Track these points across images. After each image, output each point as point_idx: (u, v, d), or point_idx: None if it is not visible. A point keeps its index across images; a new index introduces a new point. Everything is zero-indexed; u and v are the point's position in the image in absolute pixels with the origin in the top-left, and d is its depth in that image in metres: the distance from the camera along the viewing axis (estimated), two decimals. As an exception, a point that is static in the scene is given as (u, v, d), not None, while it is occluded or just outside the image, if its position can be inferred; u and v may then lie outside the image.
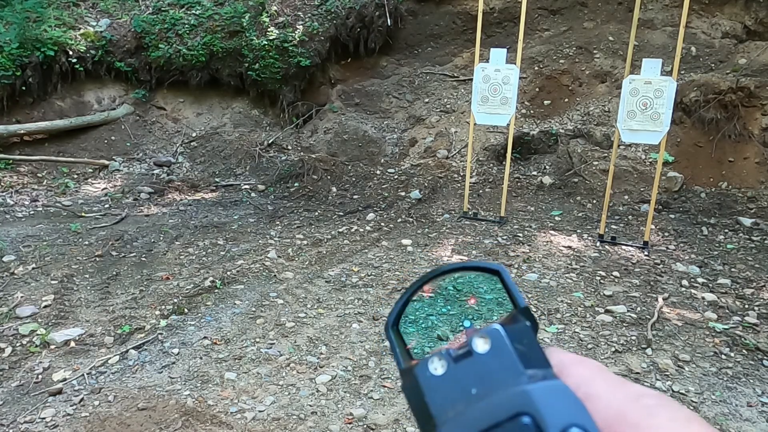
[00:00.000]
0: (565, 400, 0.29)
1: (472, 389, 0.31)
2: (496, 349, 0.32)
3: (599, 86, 7.80)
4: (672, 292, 4.38)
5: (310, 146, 8.19)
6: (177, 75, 8.37)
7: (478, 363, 0.32)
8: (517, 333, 0.33)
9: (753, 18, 7.82)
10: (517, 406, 0.29)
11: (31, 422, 2.88)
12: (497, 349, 0.32)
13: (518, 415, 0.28)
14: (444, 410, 0.31)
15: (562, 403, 0.29)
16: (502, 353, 0.32)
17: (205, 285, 4.43)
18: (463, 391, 0.31)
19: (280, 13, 8.33)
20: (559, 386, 0.30)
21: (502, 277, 0.38)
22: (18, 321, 3.81)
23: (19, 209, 6.32)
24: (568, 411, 0.28)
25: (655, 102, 4.92)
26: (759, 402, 3.10)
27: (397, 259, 5.01)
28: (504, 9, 8.84)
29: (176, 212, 6.36)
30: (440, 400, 0.31)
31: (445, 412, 0.31)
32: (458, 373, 0.32)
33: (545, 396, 0.29)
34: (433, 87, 8.61)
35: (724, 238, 5.50)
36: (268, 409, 3.00)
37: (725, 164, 6.67)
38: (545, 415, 0.28)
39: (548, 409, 0.28)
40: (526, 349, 0.33)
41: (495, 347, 0.32)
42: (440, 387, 0.32)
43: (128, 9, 8.50)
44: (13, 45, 7.37)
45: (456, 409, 0.30)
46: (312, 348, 3.61)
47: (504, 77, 5.55)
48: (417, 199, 6.68)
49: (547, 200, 6.61)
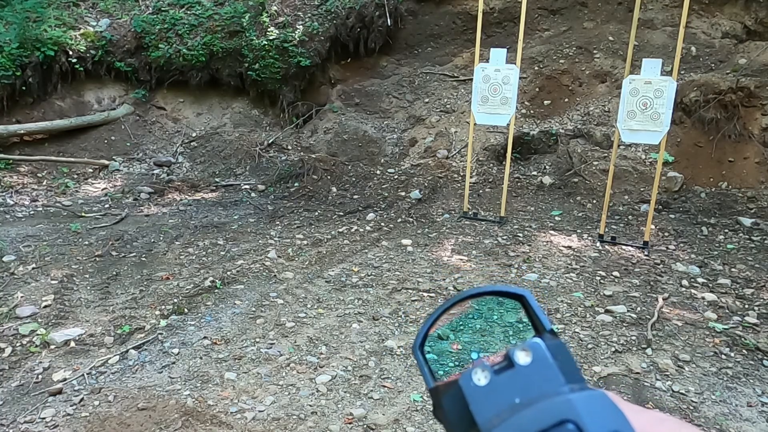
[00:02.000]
0: (607, 409, 0.30)
1: (516, 399, 0.32)
2: (537, 362, 0.34)
3: (599, 86, 7.80)
4: (672, 292, 4.38)
5: (310, 146, 8.19)
6: (177, 75, 8.37)
7: (520, 374, 0.33)
8: (555, 348, 0.35)
9: (753, 18, 7.82)
10: (561, 413, 0.30)
11: (31, 422, 2.88)
12: (539, 362, 0.34)
13: (562, 422, 0.29)
14: (489, 419, 0.32)
15: (604, 411, 0.30)
16: (544, 365, 0.34)
17: (205, 285, 4.43)
18: (507, 400, 0.32)
19: (280, 13, 8.33)
20: (601, 395, 0.31)
21: (527, 302, 0.39)
22: (18, 321, 3.81)
23: (19, 209, 6.32)
24: (610, 418, 0.30)
25: (655, 102, 4.92)
26: (759, 402, 3.10)
27: (397, 259, 5.01)
28: (504, 9, 8.84)
29: (176, 212, 6.36)
30: (485, 409, 0.33)
31: (489, 421, 0.32)
32: (501, 383, 0.33)
33: (588, 404, 0.30)
34: (433, 87, 8.61)
35: (724, 238, 5.50)
36: (268, 409, 3.00)
37: (725, 164, 6.67)
38: (588, 423, 0.29)
39: (591, 417, 0.29)
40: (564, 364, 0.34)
41: (536, 360, 0.34)
42: (484, 397, 0.33)
43: (128, 9, 8.50)
44: (13, 45, 7.37)
45: (501, 417, 0.31)
46: (312, 348, 3.61)
47: (504, 77, 5.55)
48: (417, 199, 6.68)
49: (547, 200, 6.61)
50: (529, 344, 0.34)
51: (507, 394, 0.33)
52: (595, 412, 0.30)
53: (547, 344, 0.34)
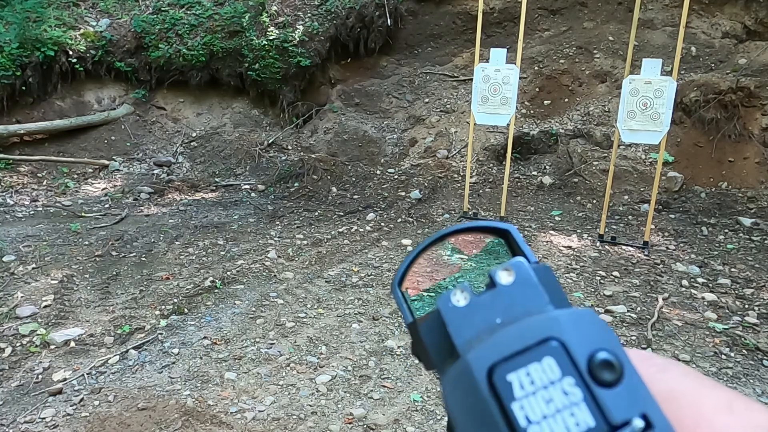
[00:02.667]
0: (594, 326, 0.28)
1: (497, 319, 0.30)
2: (520, 281, 0.31)
3: (599, 86, 7.80)
4: (672, 292, 4.38)
5: (310, 146, 8.19)
6: (177, 75, 8.37)
7: (502, 294, 0.31)
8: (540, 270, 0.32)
9: (753, 18, 7.82)
10: (544, 330, 0.28)
11: (31, 422, 2.88)
12: (522, 281, 0.31)
13: (546, 340, 0.28)
14: (467, 340, 0.30)
15: (590, 328, 0.28)
16: (527, 284, 0.31)
17: (205, 285, 4.43)
18: (488, 321, 0.30)
19: (280, 13, 8.33)
20: (587, 312, 0.29)
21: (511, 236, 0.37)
22: (18, 321, 3.81)
23: (19, 209, 6.32)
24: (597, 336, 0.28)
25: (655, 102, 4.92)
26: (759, 402, 3.10)
27: (397, 259, 5.01)
28: (504, 9, 8.84)
29: (176, 212, 6.36)
30: (463, 330, 0.31)
31: (468, 342, 0.30)
32: (481, 304, 0.31)
33: (573, 321, 0.28)
34: (433, 87, 8.61)
35: (724, 238, 5.50)
36: (268, 409, 3.00)
37: (725, 164, 6.67)
38: (574, 340, 0.27)
39: (577, 334, 0.28)
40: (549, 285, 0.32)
41: (519, 279, 0.31)
42: (463, 318, 0.31)
43: (128, 9, 8.50)
44: (13, 45, 7.37)
45: (481, 338, 0.30)
46: (312, 348, 3.61)
47: (504, 77, 5.55)
48: (417, 199, 6.68)
49: (547, 200, 6.61)
50: (512, 263, 0.32)
51: (487, 315, 0.31)
52: (581, 329, 0.28)
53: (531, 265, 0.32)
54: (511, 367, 0.27)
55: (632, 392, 0.26)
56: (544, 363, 0.27)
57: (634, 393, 0.27)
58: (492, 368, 0.27)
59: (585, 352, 0.27)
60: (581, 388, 0.26)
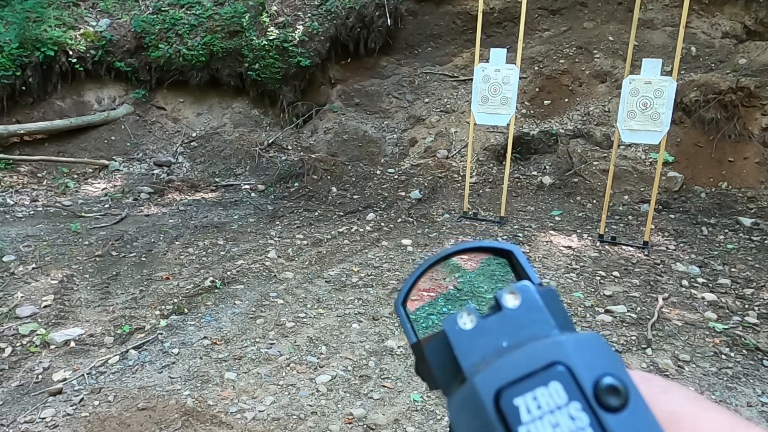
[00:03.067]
0: (600, 351, 0.29)
1: (503, 342, 0.31)
2: (526, 305, 0.32)
3: (599, 86, 7.80)
4: (672, 292, 4.38)
5: (310, 146, 8.19)
6: (177, 75, 8.37)
7: (508, 317, 0.32)
8: (546, 294, 0.33)
9: (753, 18, 7.82)
10: (551, 355, 0.28)
11: (31, 422, 2.88)
12: (528, 305, 0.32)
13: (552, 364, 0.28)
14: (474, 363, 0.31)
15: (596, 353, 0.28)
16: (533, 308, 0.32)
17: (205, 285, 4.43)
18: (494, 344, 0.31)
19: (280, 13, 8.33)
20: (594, 337, 0.29)
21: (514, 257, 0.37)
22: (18, 321, 3.81)
23: (19, 209, 6.32)
24: (603, 361, 0.28)
25: (655, 102, 4.92)
26: (759, 402, 3.10)
27: (397, 259, 5.01)
28: (504, 9, 8.84)
29: (176, 212, 6.36)
30: (470, 353, 0.31)
31: (475, 365, 0.30)
32: (488, 327, 0.32)
33: (579, 346, 0.29)
34: (433, 87, 8.61)
35: (724, 238, 5.50)
36: (268, 409, 3.00)
37: (725, 164, 6.67)
38: (580, 364, 0.28)
39: (583, 358, 0.28)
40: (555, 309, 0.32)
41: (525, 303, 0.32)
42: (470, 341, 0.31)
43: (128, 9, 8.50)
44: (13, 45, 7.37)
45: (487, 361, 0.30)
46: (312, 348, 3.61)
47: (504, 77, 5.55)
48: (417, 199, 6.68)
49: (547, 200, 6.61)
50: (517, 287, 0.32)
51: (494, 338, 0.31)
52: (587, 354, 0.28)
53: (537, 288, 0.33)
54: (518, 392, 0.28)
55: (638, 418, 0.27)
56: (551, 387, 0.27)
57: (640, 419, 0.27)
58: (499, 392, 0.28)
59: (591, 377, 0.27)
60: (587, 413, 0.27)
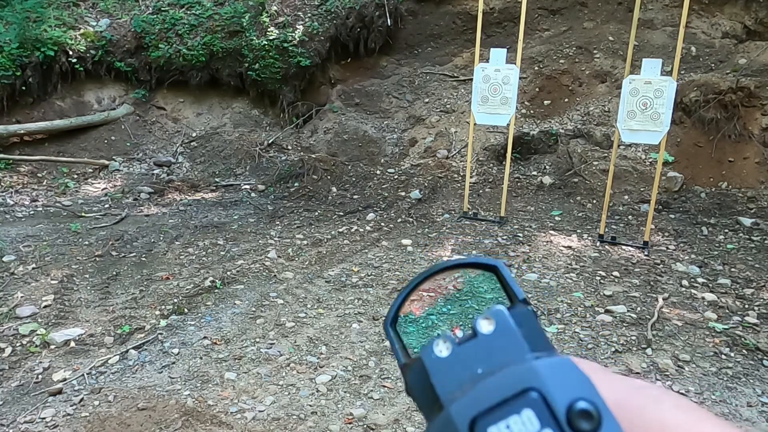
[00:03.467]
0: (572, 375, 0.29)
1: (478, 369, 0.31)
2: (500, 330, 0.32)
3: (599, 86, 7.80)
4: (672, 292, 4.38)
5: (310, 146, 8.19)
6: (177, 75, 8.37)
7: (482, 343, 0.32)
8: (520, 316, 0.33)
9: (753, 18, 7.82)
10: (524, 381, 0.29)
11: (31, 422, 2.88)
12: (502, 330, 0.32)
13: (525, 391, 0.28)
14: (450, 391, 0.31)
15: (568, 378, 0.29)
16: (507, 333, 0.32)
17: (205, 285, 4.43)
18: (469, 371, 0.31)
19: (280, 13, 8.33)
20: (565, 362, 0.30)
21: (500, 272, 0.38)
22: (18, 321, 3.81)
23: (19, 209, 6.32)
24: (575, 385, 0.28)
25: (655, 102, 4.92)
26: (759, 402, 3.10)
27: (397, 259, 5.01)
28: (504, 9, 8.84)
29: (176, 212, 6.36)
30: (446, 381, 0.31)
31: (451, 393, 0.31)
32: (463, 354, 0.32)
33: (552, 371, 0.29)
34: (433, 87, 8.61)
35: (724, 238, 5.50)
36: (268, 409, 3.00)
37: (725, 164, 6.67)
38: (552, 390, 0.28)
39: (555, 384, 0.28)
40: (530, 332, 0.33)
41: (499, 328, 0.32)
42: (446, 368, 0.32)
43: (128, 9, 8.50)
44: (13, 45, 7.37)
45: (463, 389, 0.30)
46: (312, 348, 3.61)
47: (504, 77, 5.55)
48: (417, 199, 6.67)
49: (547, 200, 6.61)
50: (491, 312, 0.33)
51: (469, 365, 0.31)
52: (559, 379, 0.28)
53: (511, 312, 0.33)
54: (492, 420, 0.28)
55: None
56: (524, 415, 0.28)
57: None
58: (474, 421, 0.28)
59: (564, 402, 0.28)
60: None
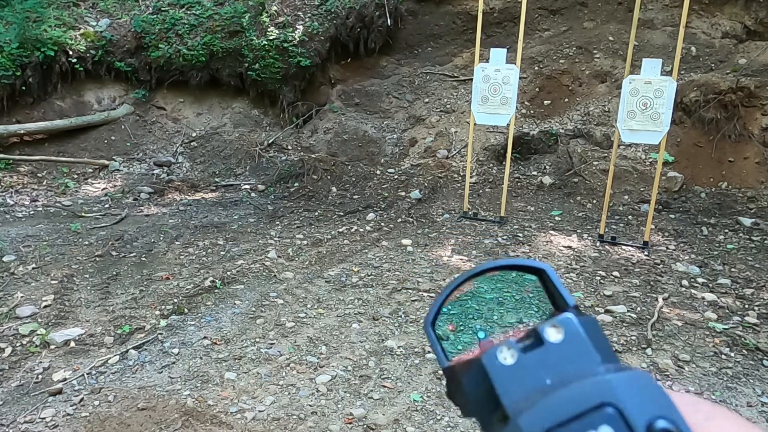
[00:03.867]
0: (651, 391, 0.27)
1: (547, 380, 0.30)
2: (569, 339, 0.31)
3: (599, 86, 7.80)
4: (672, 292, 4.38)
5: (310, 146, 8.19)
6: (177, 75, 8.37)
7: (550, 353, 0.30)
8: (587, 324, 0.32)
9: (753, 18, 7.82)
10: (599, 396, 0.27)
11: (31, 422, 2.88)
12: (571, 339, 0.31)
13: (601, 405, 0.27)
14: (516, 401, 0.29)
15: (648, 394, 0.27)
16: (577, 343, 0.30)
17: (205, 285, 4.43)
18: (537, 381, 0.30)
19: (280, 13, 8.33)
20: (644, 376, 0.28)
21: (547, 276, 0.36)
22: (18, 321, 3.81)
23: (19, 209, 6.32)
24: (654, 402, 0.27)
25: (655, 102, 4.92)
26: (759, 402, 3.10)
27: (397, 259, 5.01)
28: (504, 9, 8.84)
29: (176, 212, 6.36)
30: (512, 390, 0.30)
31: (517, 403, 0.29)
32: (530, 362, 0.30)
33: (629, 386, 0.27)
34: (433, 87, 8.61)
35: (724, 238, 5.50)
36: (268, 409, 3.00)
37: (725, 164, 6.67)
38: (630, 406, 0.26)
39: (634, 400, 0.27)
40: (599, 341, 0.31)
41: (569, 337, 0.31)
42: (511, 377, 0.30)
43: (128, 9, 8.50)
44: (13, 45, 7.37)
45: (531, 400, 0.29)
46: (312, 348, 3.61)
47: (504, 77, 5.55)
48: (417, 199, 6.68)
49: (547, 200, 6.61)
50: (560, 320, 0.31)
51: (537, 375, 0.30)
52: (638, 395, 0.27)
53: (579, 320, 0.31)
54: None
55: None
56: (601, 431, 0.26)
57: None
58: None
59: (643, 419, 0.26)
60: None
